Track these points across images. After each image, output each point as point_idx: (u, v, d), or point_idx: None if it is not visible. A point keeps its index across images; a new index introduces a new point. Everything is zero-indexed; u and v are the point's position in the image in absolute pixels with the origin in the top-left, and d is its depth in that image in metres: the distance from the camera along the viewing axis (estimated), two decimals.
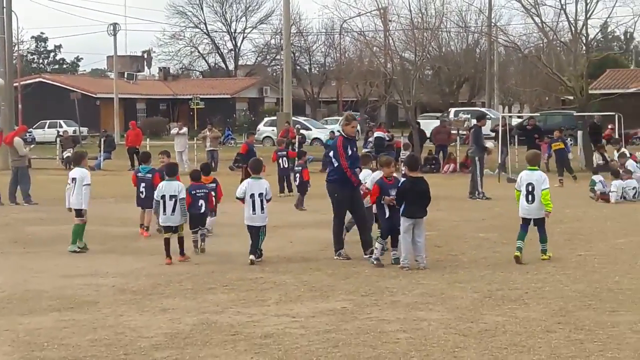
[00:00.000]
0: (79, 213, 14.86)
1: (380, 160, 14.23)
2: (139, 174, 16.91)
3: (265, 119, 61.96)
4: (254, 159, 15.61)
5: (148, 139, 40.89)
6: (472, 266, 13.07)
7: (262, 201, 13.68)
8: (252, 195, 13.63)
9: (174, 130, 38.66)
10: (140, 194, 16.68)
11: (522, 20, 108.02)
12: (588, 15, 34.33)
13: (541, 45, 41.77)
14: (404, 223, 12.95)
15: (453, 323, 9.50)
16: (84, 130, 57.32)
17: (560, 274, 12.34)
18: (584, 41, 35.46)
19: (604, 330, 9.09)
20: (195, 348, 8.67)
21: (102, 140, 41.58)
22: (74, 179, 14.91)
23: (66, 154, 37.82)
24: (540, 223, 13.63)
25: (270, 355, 8.39)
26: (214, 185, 15.76)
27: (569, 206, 20.31)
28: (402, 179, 13.58)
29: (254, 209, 13.65)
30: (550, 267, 12.82)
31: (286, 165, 25.07)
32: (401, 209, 12.98)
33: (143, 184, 16.59)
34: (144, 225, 16.77)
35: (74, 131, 51.40)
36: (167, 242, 13.83)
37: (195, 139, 40.54)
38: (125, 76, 76.00)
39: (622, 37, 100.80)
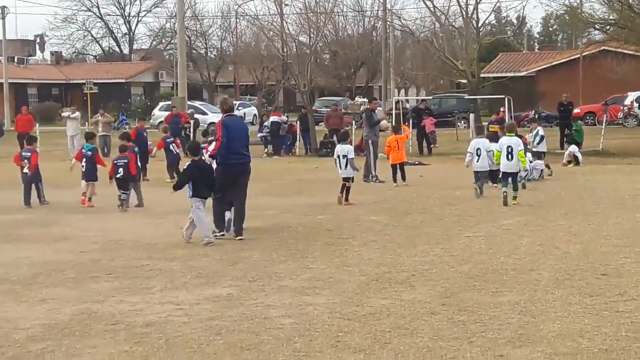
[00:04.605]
0: None
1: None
2: (83, 150, 19.19)
3: (161, 104, 61.08)
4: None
5: (38, 124, 39.84)
6: (361, 249, 13.05)
7: None
8: None
9: (65, 113, 37.77)
10: (82, 168, 18.92)
11: (415, 5, 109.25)
12: (478, 0, 34.84)
13: (435, 30, 42.23)
14: (195, 202, 13.80)
15: (339, 307, 9.44)
16: None
17: (448, 255, 12.42)
18: (475, 26, 35.97)
19: (487, 311, 9.14)
20: (73, 339, 8.41)
21: None
22: None
23: None
24: (515, 176, 17.97)
25: (151, 345, 8.19)
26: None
27: (459, 188, 20.54)
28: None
29: None
30: (438, 249, 12.90)
31: (176, 152, 24.60)
32: (191, 191, 13.84)
33: (85, 159, 18.82)
34: (87, 195, 18.60)
35: None
36: None
37: (87, 124, 39.70)
38: (16, 60, 73.94)
39: (515, 21, 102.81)
